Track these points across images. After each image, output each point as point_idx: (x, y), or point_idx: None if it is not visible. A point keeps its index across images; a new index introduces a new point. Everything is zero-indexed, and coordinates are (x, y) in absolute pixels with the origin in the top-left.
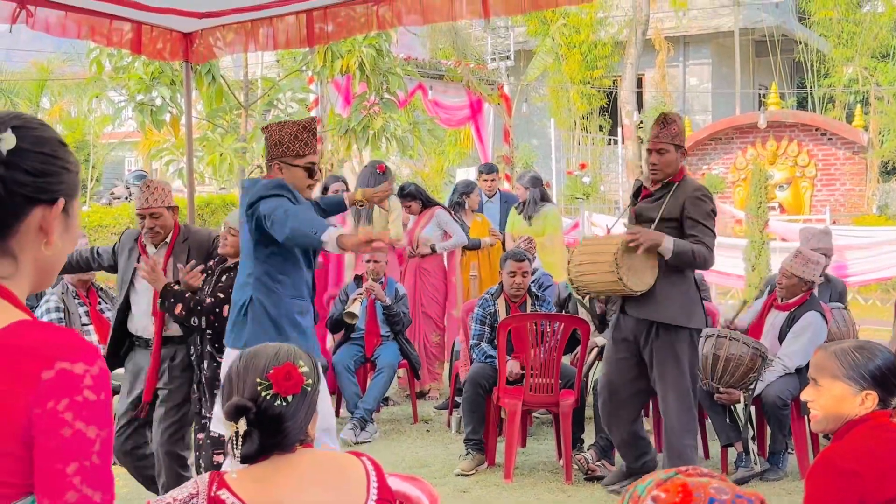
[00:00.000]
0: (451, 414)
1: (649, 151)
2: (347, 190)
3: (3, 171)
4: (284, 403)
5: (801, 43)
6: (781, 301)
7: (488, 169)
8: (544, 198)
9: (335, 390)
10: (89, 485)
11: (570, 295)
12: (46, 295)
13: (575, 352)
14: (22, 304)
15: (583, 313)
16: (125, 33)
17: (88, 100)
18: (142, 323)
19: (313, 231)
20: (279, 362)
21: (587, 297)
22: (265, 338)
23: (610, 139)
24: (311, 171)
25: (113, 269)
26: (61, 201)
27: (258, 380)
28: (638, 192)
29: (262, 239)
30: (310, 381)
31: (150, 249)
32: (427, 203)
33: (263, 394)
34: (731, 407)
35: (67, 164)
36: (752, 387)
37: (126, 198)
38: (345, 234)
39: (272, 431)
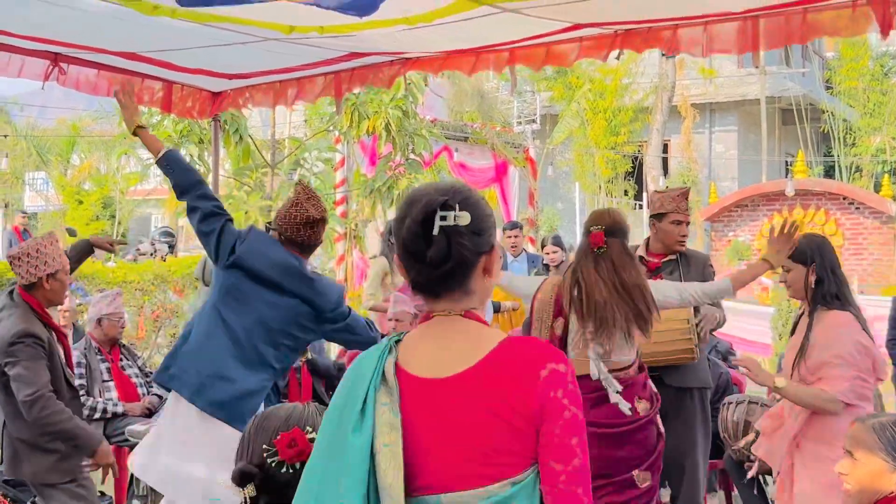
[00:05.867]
0: None
1: (678, 223)
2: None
3: (468, 240)
4: (291, 471)
5: (827, 112)
6: None
7: (512, 226)
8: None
9: None
10: (584, 452)
11: None
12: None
13: None
14: (487, 325)
15: None
16: (156, 92)
17: (117, 157)
18: None
19: None
20: (287, 427)
21: None
22: None
23: (635, 204)
24: None
25: None
26: (497, 246)
27: (265, 445)
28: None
29: None
30: None
31: None
32: None
33: (269, 460)
34: (761, 477)
35: (493, 216)
36: None
37: (151, 254)
38: None
39: (279, 499)
